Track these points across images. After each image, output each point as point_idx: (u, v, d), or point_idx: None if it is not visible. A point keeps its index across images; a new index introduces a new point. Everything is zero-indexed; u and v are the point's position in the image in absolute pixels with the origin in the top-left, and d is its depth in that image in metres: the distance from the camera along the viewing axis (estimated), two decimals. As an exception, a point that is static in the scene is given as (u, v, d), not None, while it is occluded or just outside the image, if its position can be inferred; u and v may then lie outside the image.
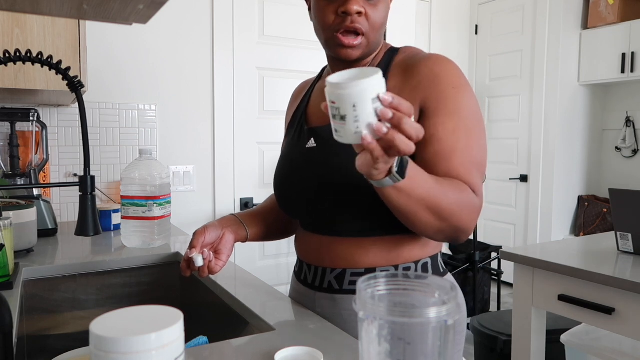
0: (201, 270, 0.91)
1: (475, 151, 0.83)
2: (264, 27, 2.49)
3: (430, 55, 0.88)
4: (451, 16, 4.10)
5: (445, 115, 0.82)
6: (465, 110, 0.84)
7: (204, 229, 0.94)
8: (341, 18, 0.85)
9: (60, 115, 2.08)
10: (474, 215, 0.80)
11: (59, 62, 0.86)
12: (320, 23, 0.89)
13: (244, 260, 2.49)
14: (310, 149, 0.94)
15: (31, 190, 1.72)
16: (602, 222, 3.59)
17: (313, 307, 0.97)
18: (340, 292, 0.92)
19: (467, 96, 0.84)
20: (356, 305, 0.50)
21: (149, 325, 0.45)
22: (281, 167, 1.00)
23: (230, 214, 1.05)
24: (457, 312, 0.49)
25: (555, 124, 3.66)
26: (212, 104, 2.40)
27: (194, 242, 0.92)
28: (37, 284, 1.25)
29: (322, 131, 0.93)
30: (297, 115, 1.04)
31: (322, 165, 0.90)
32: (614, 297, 1.37)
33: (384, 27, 0.90)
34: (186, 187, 2.37)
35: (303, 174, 0.93)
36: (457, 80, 0.85)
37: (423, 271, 0.92)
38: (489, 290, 3.35)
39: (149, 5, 0.56)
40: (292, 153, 0.98)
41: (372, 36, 0.88)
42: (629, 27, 3.38)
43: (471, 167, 0.82)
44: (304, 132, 0.97)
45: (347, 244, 0.90)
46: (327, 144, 0.90)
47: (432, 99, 0.84)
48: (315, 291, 0.96)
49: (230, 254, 0.96)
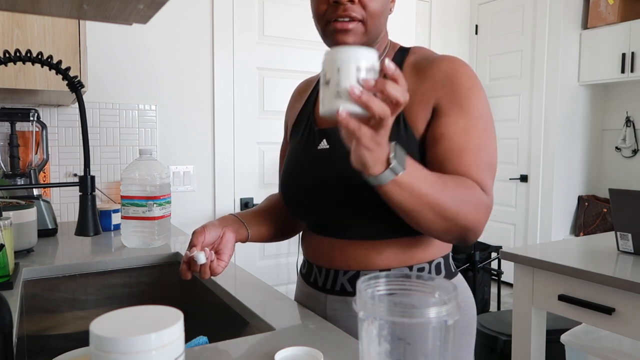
0: (203, 271, 0.86)
1: (486, 152, 0.82)
2: (264, 27, 2.49)
3: (443, 57, 0.87)
4: (451, 16, 4.10)
5: (457, 115, 0.82)
6: (477, 110, 0.83)
7: (203, 228, 0.90)
8: (333, 7, 0.84)
9: (60, 115, 2.08)
10: (482, 213, 0.78)
11: (59, 62, 0.86)
12: (315, 13, 0.88)
13: (244, 260, 2.49)
14: (323, 150, 0.91)
15: (31, 190, 1.72)
16: (602, 222, 3.59)
17: (324, 309, 0.95)
18: (354, 294, 0.91)
19: (479, 97, 0.84)
20: (356, 305, 0.50)
21: (149, 325, 0.45)
22: (290, 169, 0.97)
23: (230, 213, 1.02)
24: (457, 312, 0.49)
25: (555, 124, 3.66)
26: (212, 104, 2.40)
27: (193, 242, 0.88)
28: (37, 284, 1.25)
29: (333, 133, 0.91)
30: (303, 115, 1.01)
31: (335, 167, 0.88)
32: (614, 297, 1.37)
33: (384, 16, 0.88)
34: (186, 187, 2.37)
35: (315, 176, 0.91)
36: (470, 82, 0.84)
37: (436, 271, 0.91)
38: (489, 290, 3.35)
39: (149, 5, 0.56)
40: (302, 155, 0.95)
41: (371, 24, 0.85)
42: (629, 27, 3.38)
43: (482, 166, 0.81)
44: (314, 133, 0.95)
45: (361, 246, 0.89)
46: (340, 145, 0.87)
47: (445, 99, 0.83)
48: (326, 294, 0.94)
49: (232, 254, 0.92)
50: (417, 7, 3.43)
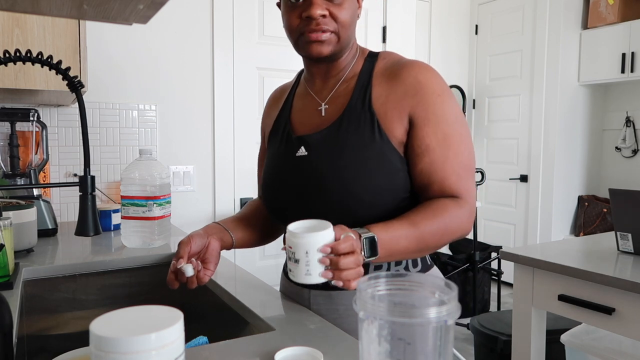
0: (190, 281, 0.90)
1: (464, 155, 0.89)
2: (264, 27, 2.49)
3: (412, 63, 0.92)
4: (451, 16, 4.10)
5: (435, 124, 0.88)
6: (453, 115, 0.90)
7: (189, 239, 0.92)
8: (305, 22, 0.89)
9: (60, 115, 2.08)
10: (464, 226, 0.88)
11: (59, 62, 0.86)
12: (287, 26, 0.93)
13: (244, 260, 2.49)
14: (301, 157, 0.94)
15: (31, 190, 1.72)
16: (602, 222, 3.59)
17: (308, 305, 0.98)
18: (336, 289, 0.93)
19: (451, 102, 0.91)
20: (356, 305, 0.50)
21: (149, 325, 0.45)
22: (270, 176, 1.00)
23: (213, 222, 1.04)
24: (457, 312, 0.49)
25: (555, 124, 3.66)
26: (212, 104, 2.40)
27: (180, 253, 0.90)
28: (37, 284, 1.25)
29: (311, 139, 0.94)
30: (280, 122, 1.04)
31: (315, 172, 0.91)
32: (614, 297, 1.37)
33: (353, 24, 0.93)
34: (186, 187, 2.37)
35: (295, 183, 0.94)
36: (440, 88, 0.90)
37: (413, 265, 0.96)
38: (489, 290, 3.35)
39: (149, 5, 0.56)
40: (282, 162, 0.98)
41: (343, 33, 0.91)
42: (629, 27, 3.38)
43: (462, 172, 0.89)
44: (291, 140, 0.98)
45: None
46: (318, 152, 0.92)
47: (420, 108, 0.88)
48: (309, 289, 0.98)
49: (217, 262, 0.96)
50: (417, 7, 3.43)
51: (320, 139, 0.93)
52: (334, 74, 0.98)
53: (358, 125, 0.90)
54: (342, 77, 0.97)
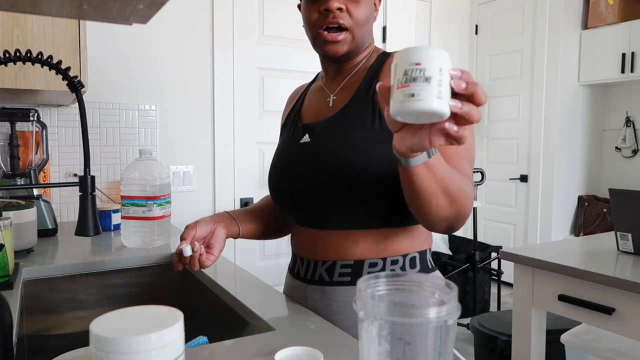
0: (192, 263, 0.92)
1: (468, 148, 0.88)
2: (264, 27, 2.49)
3: None
4: (451, 16, 4.10)
5: None
6: None
7: (195, 224, 0.96)
8: (324, 15, 0.92)
9: (60, 115, 2.08)
10: (471, 202, 0.84)
11: (59, 62, 0.86)
12: (306, 22, 0.96)
13: (244, 260, 2.49)
14: (304, 143, 0.97)
15: (31, 190, 1.72)
16: (602, 222, 3.59)
17: (304, 299, 0.99)
18: (331, 284, 0.94)
19: None
20: (356, 305, 0.50)
21: (149, 325, 0.45)
22: (275, 163, 1.03)
23: (224, 211, 1.07)
24: (457, 312, 0.49)
25: (555, 124, 3.66)
26: (212, 104, 2.40)
27: (184, 235, 0.94)
28: (37, 284, 1.25)
29: (315, 127, 0.97)
30: (291, 115, 1.08)
31: (315, 158, 0.93)
32: (614, 297, 1.37)
33: (369, 24, 0.96)
34: (186, 187, 2.37)
35: (297, 169, 0.96)
36: None
37: (411, 265, 0.94)
38: (489, 290, 3.35)
39: (149, 5, 0.56)
40: (287, 149, 1.02)
41: (357, 31, 0.93)
42: (629, 27, 3.38)
43: (465, 162, 0.87)
44: (298, 129, 1.01)
45: (338, 237, 0.93)
46: (320, 138, 0.95)
47: None
48: (307, 284, 0.98)
49: (222, 249, 0.98)
50: (417, 7, 3.43)
51: (323, 127, 0.96)
52: (347, 70, 1.01)
53: (360, 114, 0.92)
54: (353, 72, 1.00)
